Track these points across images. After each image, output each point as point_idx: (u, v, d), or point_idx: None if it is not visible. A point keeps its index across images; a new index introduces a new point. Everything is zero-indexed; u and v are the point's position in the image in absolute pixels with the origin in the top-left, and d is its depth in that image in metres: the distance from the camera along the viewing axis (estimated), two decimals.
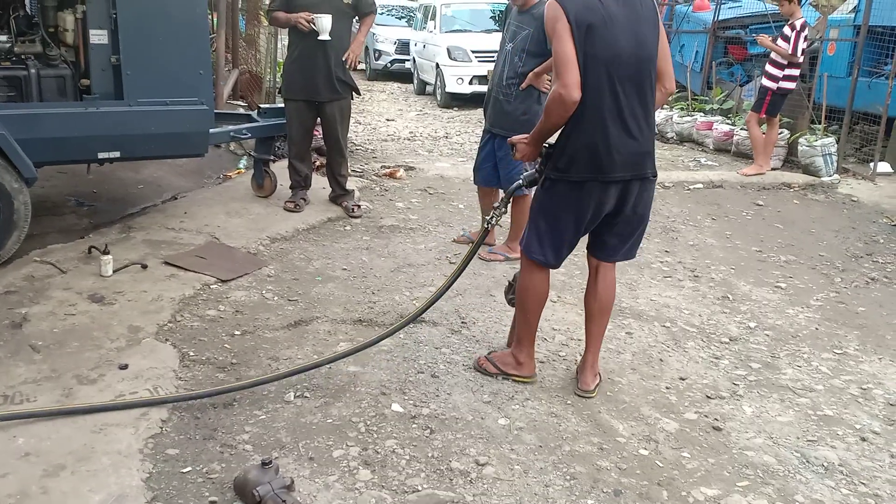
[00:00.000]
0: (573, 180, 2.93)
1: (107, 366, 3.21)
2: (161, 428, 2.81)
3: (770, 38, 7.44)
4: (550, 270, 3.19)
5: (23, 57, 4.36)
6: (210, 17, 8.03)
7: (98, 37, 4.29)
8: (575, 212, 2.99)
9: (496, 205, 3.25)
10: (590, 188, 2.91)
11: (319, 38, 5.11)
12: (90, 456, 2.60)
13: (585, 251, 3.27)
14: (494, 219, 3.22)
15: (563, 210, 3.00)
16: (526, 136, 3.08)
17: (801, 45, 7.06)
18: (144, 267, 4.22)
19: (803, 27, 7.05)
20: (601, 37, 2.78)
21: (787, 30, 7.13)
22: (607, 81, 2.81)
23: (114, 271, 4.10)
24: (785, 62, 7.13)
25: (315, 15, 5.09)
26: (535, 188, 3.17)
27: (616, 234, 3.12)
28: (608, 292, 3.25)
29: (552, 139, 3.01)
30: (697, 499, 2.61)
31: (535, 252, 3.10)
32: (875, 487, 2.74)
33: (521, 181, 3.23)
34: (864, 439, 3.05)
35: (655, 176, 3.04)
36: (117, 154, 4.49)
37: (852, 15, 8.45)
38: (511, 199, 3.38)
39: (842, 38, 8.45)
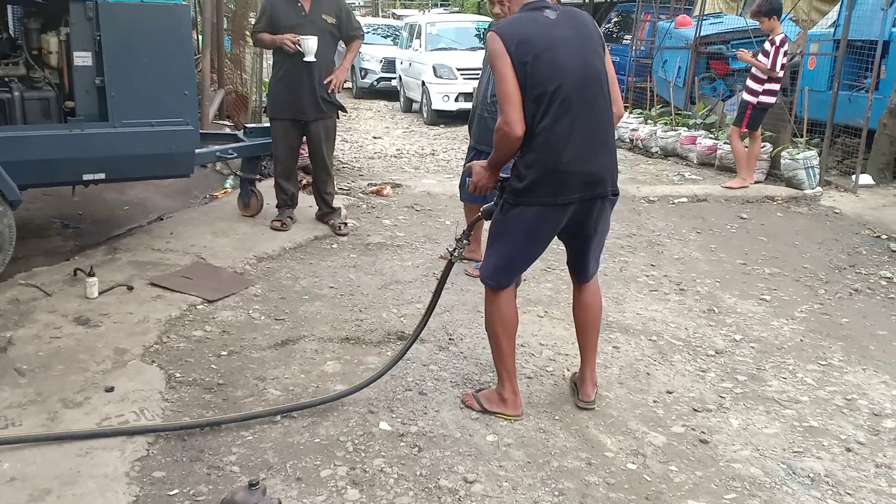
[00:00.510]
0: (531, 206, 2.91)
1: (92, 388, 3.19)
2: (147, 450, 2.80)
3: (751, 54, 7.53)
4: (517, 291, 3.20)
5: (6, 80, 4.37)
6: (195, 37, 8.08)
7: (82, 59, 4.30)
8: (533, 236, 2.99)
9: (458, 237, 3.25)
10: (547, 212, 2.91)
11: (305, 59, 5.14)
12: (76, 480, 2.59)
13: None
14: (458, 251, 3.21)
15: (521, 236, 2.98)
16: (483, 161, 3.07)
17: (781, 59, 7.15)
18: (130, 288, 4.21)
19: (783, 42, 7.15)
20: (546, 62, 2.78)
21: (767, 45, 7.22)
22: (558, 105, 2.79)
23: (99, 293, 4.09)
24: (765, 77, 7.22)
25: (300, 37, 5.12)
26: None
27: (585, 254, 3.16)
28: (594, 301, 3.28)
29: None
30: None
31: (490, 278, 3.06)
32: (860, 497, 2.76)
33: (480, 213, 3.23)
34: (849, 450, 3.07)
35: (616, 195, 3.03)
36: (102, 176, 4.49)
37: (832, 29, 8.58)
38: (472, 230, 3.41)
39: (822, 53, 8.57)
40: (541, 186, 2.86)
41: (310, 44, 5.12)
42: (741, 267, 5.38)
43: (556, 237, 3.08)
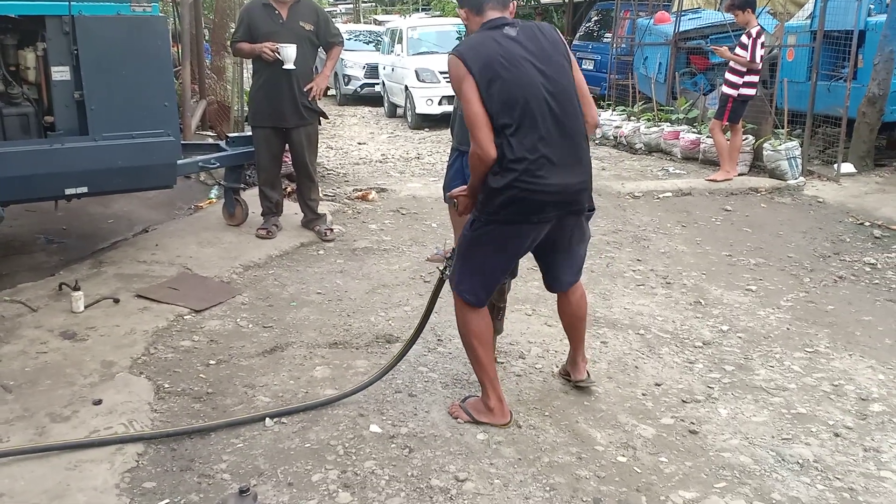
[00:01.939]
0: (504, 224, 2.86)
1: (80, 402, 3.18)
2: (137, 461, 2.79)
3: (728, 48, 7.59)
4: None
5: None
6: (174, 48, 8.06)
7: (60, 73, 4.28)
8: (506, 253, 2.96)
9: (449, 255, 3.19)
10: (522, 231, 2.88)
11: (284, 67, 5.14)
12: (65, 494, 2.58)
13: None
14: (449, 268, 3.15)
15: (493, 252, 2.94)
16: (464, 188, 3.05)
17: (759, 51, 7.21)
18: (116, 301, 4.20)
19: (759, 34, 7.20)
20: (511, 81, 2.74)
21: (744, 38, 7.28)
22: (527, 124, 2.74)
23: (85, 307, 4.07)
24: (744, 69, 7.27)
25: (279, 45, 5.12)
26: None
27: (555, 268, 3.16)
28: (579, 303, 3.27)
29: None
30: (676, 502, 2.63)
31: (466, 291, 3.00)
32: (850, 482, 2.78)
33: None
34: (837, 435, 3.09)
35: (593, 210, 3.03)
36: (85, 189, 4.46)
37: (808, 21, 8.65)
38: None
39: (800, 44, 8.63)
40: (514, 205, 2.80)
41: (288, 51, 5.12)
42: (727, 259, 5.41)
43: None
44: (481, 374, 3.08)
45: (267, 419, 3.07)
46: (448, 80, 2.97)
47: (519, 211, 2.82)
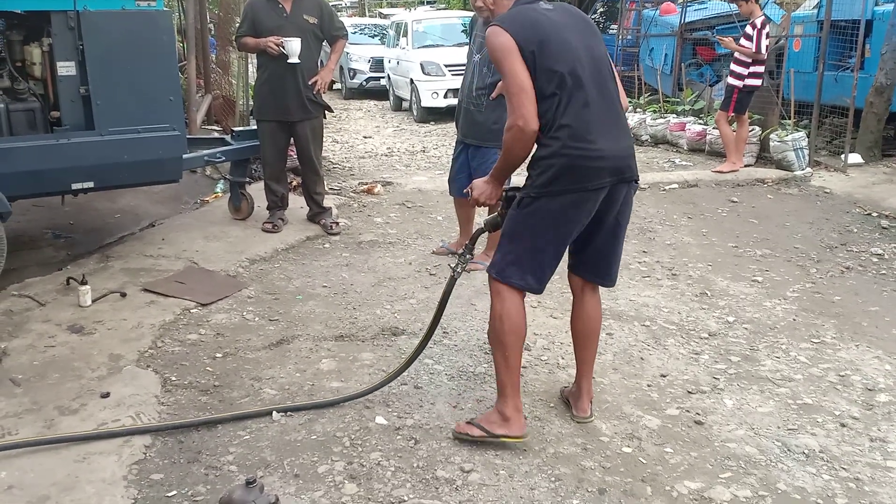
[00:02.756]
0: (558, 195, 2.68)
1: (88, 395, 3.20)
2: (145, 454, 2.81)
3: (733, 39, 7.56)
4: (523, 300, 2.87)
5: None
6: (180, 43, 8.08)
7: (66, 69, 4.29)
8: (560, 229, 2.74)
9: (461, 251, 3.08)
10: (576, 201, 2.69)
11: (289, 61, 5.15)
12: (74, 486, 2.59)
13: (567, 270, 3.10)
14: (460, 266, 3.03)
15: (547, 229, 2.74)
16: (485, 177, 2.89)
17: (764, 41, 7.18)
18: (123, 295, 4.22)
19: (764, 24, 7.18)
20: (557, 44, 2.66)
21: (748, 29, 7.25)
22: (576, 87, 2.65)
23: (93, 301, 4.09)
24: (750, 60, 7.24)
25: (283, 39, 5.13)
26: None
27: (611, 249, 2.93)
28: (595, 314, 3.06)
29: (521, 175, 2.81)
30: (681, 492, 2.63)
31: (515, 277, 2.78)
32: (856, 472, 2.78)
33: (482, 226, 3.07)
34: (843, 425, 3.09)
35: (638, 182, 2.87)
36: (91, 184, 4.49)
37: (815, 10, 8.60)
38: (475, 243, 3.12)
39: (806, 34, 8.59)
40: (568, 174, 2.65)
41: (293, 45, 5.13)
42: (733, 250, 5.40)
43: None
44: (506, 378, 2.85)
45: (274, 413, 3.07)
46: (453, 73, 2.93)
47: (573, 179, 2.66)
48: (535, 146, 2.71)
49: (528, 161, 2.79)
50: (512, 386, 2.85)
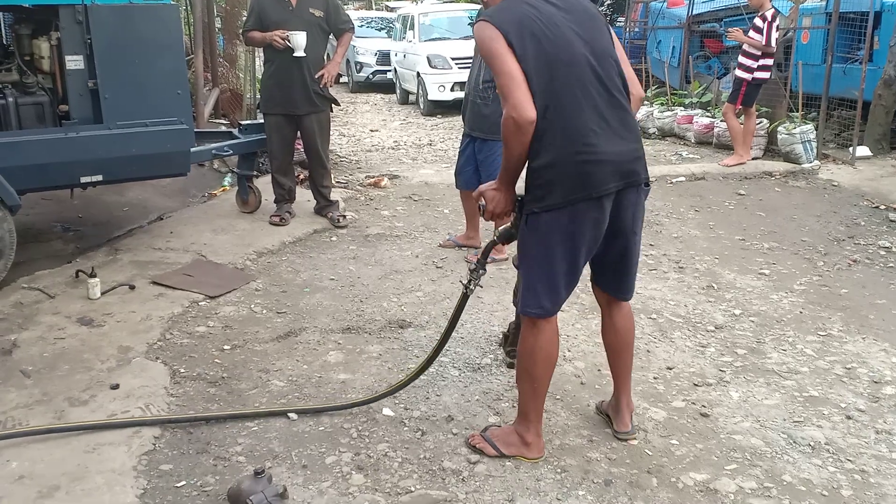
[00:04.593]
0: (559, 206, 2.48)
1: (98, 387, 3.22)
2: (154, 444, 2.83)
3: (742, 31, 7.52)
4: (557, 324, 2.71)
5: (0, 86, 4.38)
6: (186, 37, 8.09)
7: (74, 62, 4.31)
8: (568, 243, 2.53)
9: (473, 266, 2.90)
10: (582, 210, 2.48)
11: (295, 54, 5.16)
12: (84, 476, 2.62)
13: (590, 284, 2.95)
14: (473, 283, 2.88)
15: (555, 245, 2.53)
16: (492, 182, 2.68)
17: (774, 34, 7.14)
18: (132, 288, 4.24)
19: (774, 17, 7.14)
20: (549, 41, 2.47)
21: (758, 21, 7.21)
22: (573, 84, 2.46)
23: (102, 293, 4.12)
24: (759, 53, 7.20)
25: (289, 32, 5.14)
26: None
27: (626, 261, 2.75)
28: (626, 325, 2.88)
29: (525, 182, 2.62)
30: (687, 484, 2.64)
31: (531, 305, 2.60)
32: (861, 464, 2.78)
33: (495, 237, 2.88)
34: (849, 417, 3.09)
35: (649, 185, 2.66)
36: (100, 178, 4.51)
37: (823, 2, 8.55)
38: (487, 257, 2.94)
39: (815, 26, 8.55)
40: (568, 181, 2.45)
41: (298, 39, 5.14)
42: (740, 243, 5.39)
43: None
44: (531, 405, 2.72)
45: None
46: (460, 66, 2.85)
47: (575, 187, 2.46)
48: (531, 155, 2.51)
49: (525, 173, 2.61)
50: (536, 412, 2.74)
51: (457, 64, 12.08)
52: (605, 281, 2.82)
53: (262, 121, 5.69)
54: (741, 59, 7.40)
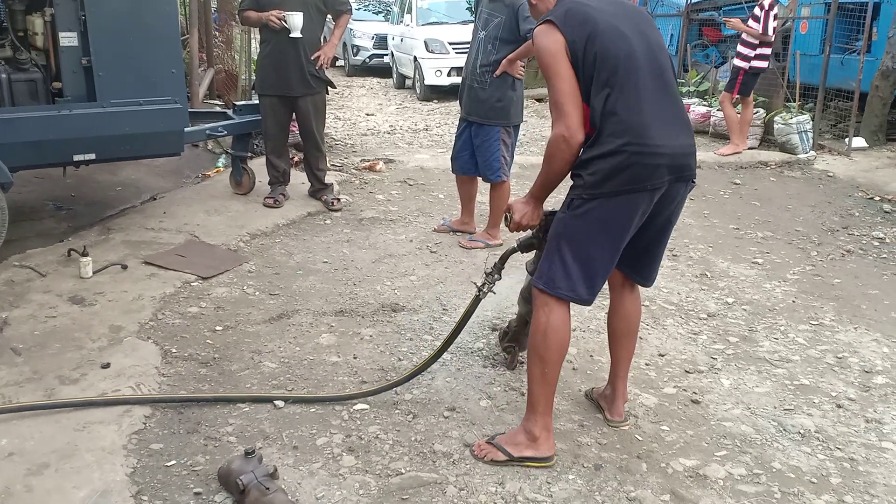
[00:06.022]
0: (613, 196, 2.46)
1: (89, 365, 3.21)
2: (145, 424, 2.82)
3: (740, 20, 7.51)
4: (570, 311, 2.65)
5: None
6: (183, 16, 8.02)
7: (68, 39, 4.27)
8: (613, 233, 2.52)
9: (488, 270, 2.88)
10: (635, 201, 2.47)
11: (291, 35, 5.12)
12: (74, 453, 2.61)
13: None
14: (487, 287, 2.87)
15: (599, 233, 2.52)
16: (522, 197, 2.70)
17: (772, 23, 7.12)
18: (124, 267, 4.22)
19: (772, 6, 7.12)
20: (611, 31, 2.47)
21: (756, 10, 7.20)
22: (633, 77, 2.46)
23: (94, 273, 4.10)
24: (756, 42, 7.19)
25: (286, 12, 5.10)
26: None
27: (657, 249, 2.77)
28: (635, 311, 2.90)
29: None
30: (676, 469, 2.65)
31: (563, 288, 2.55)
32: (851, 452, 2.80)
33: (515, 245, 2.88)
34: (839, 406, 3.10)
35: (695, 182, 2.67)
36: (93, 156, 4.48)
37: None
38: (505, 263, 2.92)
39: (813, 17, 8.53)
40: (625, 172, 2.43)
41: (295, 19, 5.10)
42: (734, 232, 5.40)
43: None
44: (541, 394, 2.65)
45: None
46: (457, 51, 2.80)
47: (630, 179, 2.44)
48: (588, 144, 2.49)
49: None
50: (546, 402, 2.65)
51: (454, 49, 12.02)
52: (631, 264, 2.76)
53: (256, 102, 5.66)
54: (739, 47, 7.40)
